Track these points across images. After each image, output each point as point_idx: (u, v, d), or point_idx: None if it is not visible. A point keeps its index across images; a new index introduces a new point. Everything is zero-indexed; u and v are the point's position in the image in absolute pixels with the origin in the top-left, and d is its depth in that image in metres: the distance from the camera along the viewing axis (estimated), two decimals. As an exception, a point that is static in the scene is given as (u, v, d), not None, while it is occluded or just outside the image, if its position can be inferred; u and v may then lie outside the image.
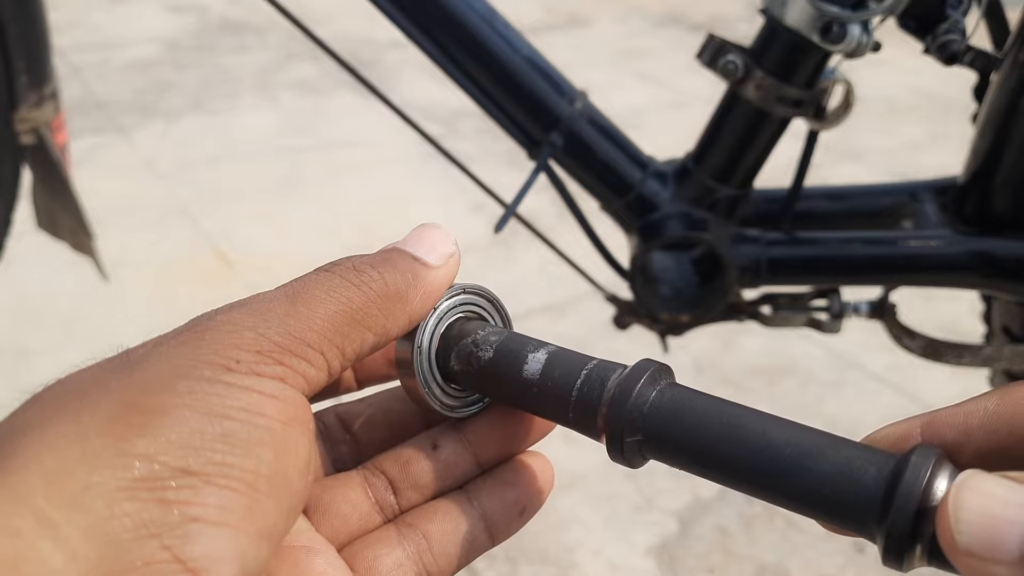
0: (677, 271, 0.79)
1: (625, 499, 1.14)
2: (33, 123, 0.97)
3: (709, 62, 0.73)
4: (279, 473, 0.24)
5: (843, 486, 0.24)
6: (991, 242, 0.75)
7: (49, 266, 1.52)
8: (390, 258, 0.29)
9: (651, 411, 0.27)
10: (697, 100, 2.39)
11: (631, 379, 0.28)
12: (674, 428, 0.27)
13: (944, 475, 0.23)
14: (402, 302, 0.29)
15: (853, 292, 0.83)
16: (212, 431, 0.23)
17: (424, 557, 0.30)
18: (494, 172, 1.25)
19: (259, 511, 0.23)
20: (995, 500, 0.20)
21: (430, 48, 0.74)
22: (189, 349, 0.25)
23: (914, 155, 2.17)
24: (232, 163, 2.05)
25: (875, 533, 0.23)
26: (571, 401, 0.29)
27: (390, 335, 0.29)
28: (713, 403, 0.27)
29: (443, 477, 0.32)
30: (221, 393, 0.24)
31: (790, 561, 1.05)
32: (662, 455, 0.28)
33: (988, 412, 0.24)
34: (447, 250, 0.30)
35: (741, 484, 0.26)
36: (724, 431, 0.26)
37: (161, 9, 3.14)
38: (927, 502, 0.22)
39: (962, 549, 0.20)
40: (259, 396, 0.24)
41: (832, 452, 0.24)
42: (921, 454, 0.23)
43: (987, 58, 0.70)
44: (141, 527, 0.22)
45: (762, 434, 0.26)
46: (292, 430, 0.25)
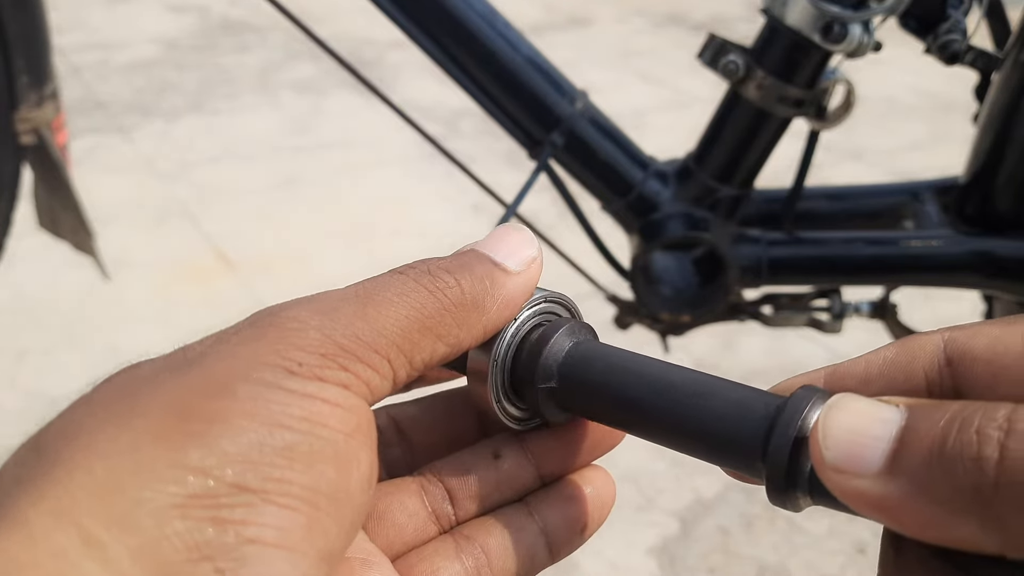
0: (678, 271, 0.79)
1: (626, 499, 1.13)
2: (33, 123, 0.97)
3: (710, 62, 0.73)
4: (341, 489, 0.22)
5: (732, 423, 0.24)
6: (992, 242, 0.75)
7: (50, 266, 1.52)
8: (467, 262, 0.27)
9: (565, 360, 0.28)
10: (698, 100, 2.39)
11: (548, 332, 0.29)
12: (584, 375, 0.28)
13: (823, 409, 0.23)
14: (478, 311, 0.27)
15: (854, 292, 0.83)
16: (272, 443, 0.21)
17: (483, 572, 0.29)
18: (494, 172, 1.25)
19: (319, 531, 0.22)
20: (861, 416, 0.21)
21: (431, 48, 0.74)
22: (250, 348, 0.23)
23: (915, 155, 2.17)
24: (232, 163, 2.05)
25: (760, 470, 0.24)
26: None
27: (462, 346, 0.27)
28: (625, 354, 0.28)
29: (503, 488, 0.30)
30: (282, 400, 0.22)
31: (791, 561, 1.05)
32: (573, 404, 0.28)
33: (887, 360, 0.25)
34: (529, 254, 0.28)
35: (644, 428, 0.27)
36: (630, 377, 0.27)
37: (161, 9, 3.14)
38: (805, 432, 0.22)
39: (829, 465, 0.20)
40: (321, 404, 0.23)
41: (726, 393, 0.25)
42: (802, 392, 0.23)
43: (988, 58, 0.70)
44: (194, 549, 0.20)
45: (664, 379, 0.26)
46: (355, 442, 0.23)
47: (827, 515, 1.11)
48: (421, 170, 2.00)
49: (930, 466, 0.19)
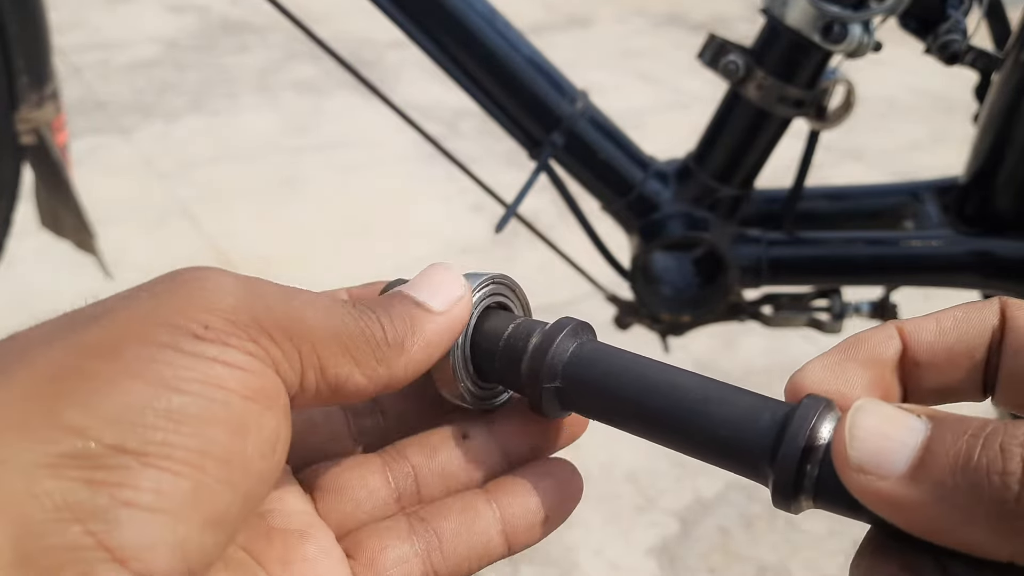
0: (678, 271, 0.79)
1: (626, 499, 1.13)
2: (34, 123, 0.97)
3: (710, 62, 0.73)
4: (235, 454, 0.22)
5: (740, 429, 0.25)
6: (992, 242, 0.75)
7: (51, 266, 1.52)
8: (388, 304, 0.27)
9: (570, 360, 0.28)
10: (698, 100, 2.39)
11: (552, 332, 0.29)
12: (590, 376, 0.28)
13: (830, 419, 0.24)
14: (398, 351, 0.26)
15: (854, 292, 0.83)
16: (157, 406, 0.21)
17: (433, 556, 0.29)
18: (495, 172, 1.25)
19: (206, 496, 0.21)
20: (888, 421, 0.22)
21: (431, 48, 0.74)
22: (156, 305, 0.23)
23: (915, 155, 2.17)
24: (233, 163, 2.05)
25: (767, 475, 0.25)
26: (496, 352, 0.30)
27: (382, 382, 0.26)
28: (629, 356, 0.28)
29: (470, 469, 0.30)
30: (173, 362, 0.22)
31: (791, 561, 1.05)
32: (577, 404, 0.29)
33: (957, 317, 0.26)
34: (454, 294, 0.28)
35: (649, 429, 0.27)
36: (635, 379, 0.27)
37: (162, 9, 3.14)
38: (813, 442, 0.24)
39: (853, 464, 0.21)
40: (220, 367, 0.22)
41: (733, 400, 0.26)
42: (810, 402, 0.24)
43: (988, 58, 0.70)
44: (64, 509, 0.19)
45: (670, 382, 0.27)
46: (255, 405, 0.23)
47: (827, 515, 1.11)
48: (421, 170, 2.00)
49: (954, 475, 0.20)
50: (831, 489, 0.23)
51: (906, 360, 0.26)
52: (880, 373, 0.26)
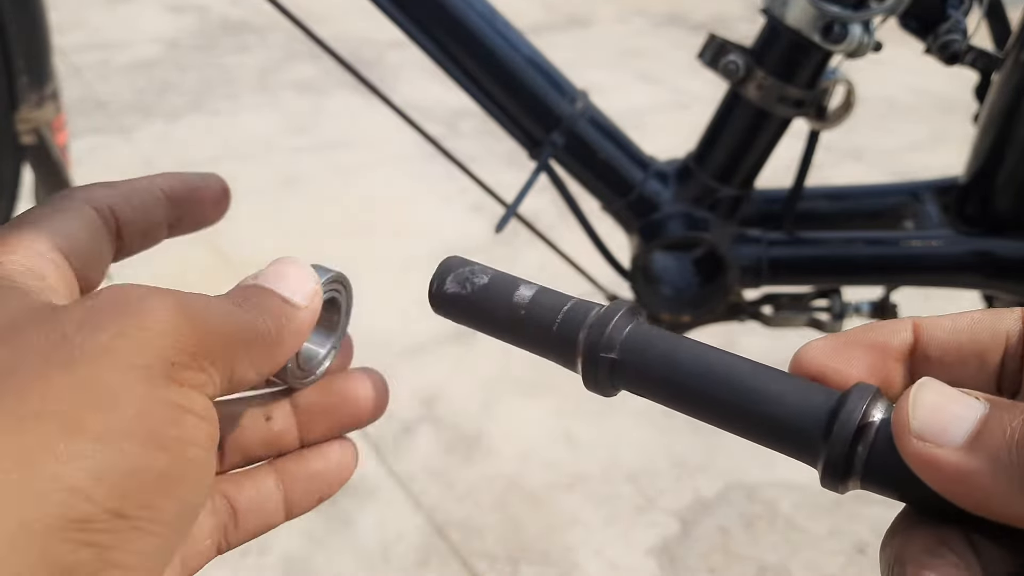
0: (678, 271, 0.79)
1: (626, 499, 1.13)
2: (34, 123, 0.97)
3: (710, 62, 0.73)
4: (196, 508, 0.23)
5: (793, 411, 0.26)
6: (993, 242, 0.75)
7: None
8: (264, 300, 0.28)
9: (628, 336, 0.30)
10: (698, 100, 2.39)
11: (611, 310, 0.30)
12: (646, 352, 0.29)
13: (880, 404, 0.25)
14: (279, 345, 0.28)
15: (854, 292, 0.83)
16: (151, 468, 0.22)
17: (228, 528, 0.31)
18: (495, 172, 1.25)
19: (169, 549, 0.23)
20: (949, 396, 0.23)
21: (431, 48, 0.74)
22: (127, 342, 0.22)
23: (915, 155, 2.17)
24: (232, 163, 2.05)
25: (818, 454, 0.26)
26: (555, 324, 0.31)
27: (263, 376, 0.28)
28: (681, 338, 0.30)
29: (269, 448, 0.33)
30: (160, 416, 0.22)
31: (791, 561, 1.05)
32: (632, 378, 0.30)
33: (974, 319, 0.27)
34: (311, 287, 0.29)
35: (701, 408, 0.28)
36: (690, 358, 0.28)
37: (162, 9, 3.14)
38: (864, 424, 0.25)
39: (914, 432, 0.23)
40: (192, 419, 0.23)
41: (787, 383, 0.27)
42: (861, 387, 0.26)
43: (988, 58, 0.70)
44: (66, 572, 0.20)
45: (725, 363, 0.28)
46: (211, 456, 0.24)
47: (827, 515, 1.11)
48: (421, 170, 2.00)
49: (1010, 451, 0.22)
50: (880, 470, 0.25)
51: (916, 353, 0.27)
52: (882, 360, 0.27)
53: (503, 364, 1.37)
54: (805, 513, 1.11)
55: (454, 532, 1.07)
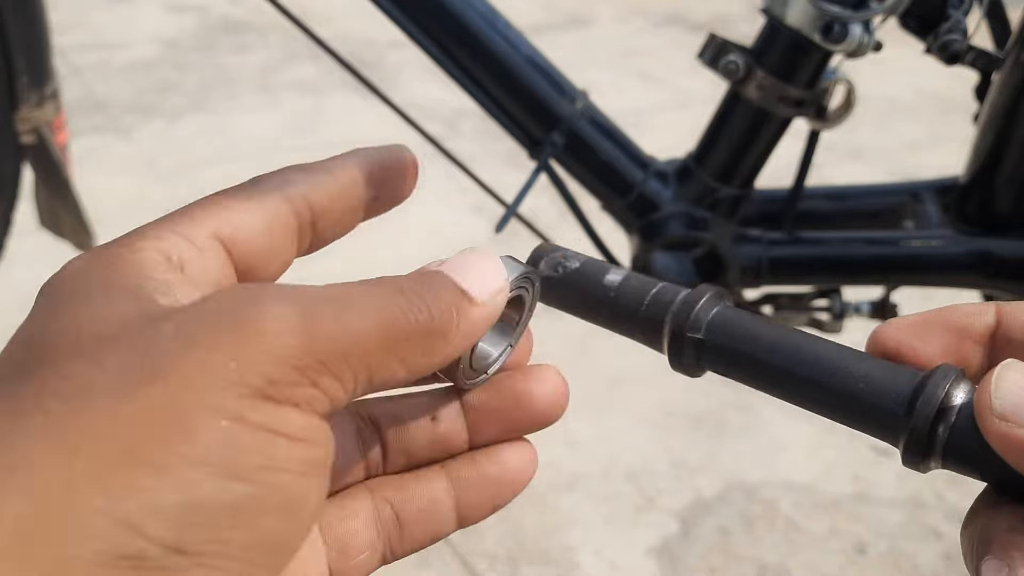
0: (678, 271, 0.79)
1: (626, 499, 1.13)
2: (34, 123, 0.97)
3: (710, 62, 0.73)
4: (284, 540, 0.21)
5: (877, 390, 0.27)
6: (993, 242, 0.75)
7: (51, 266, 1.52)
8: (436, 288, 0.25)
9: (714, 316, 0.30)
10: (698, 100, 2.39)
11: (698, 292, 0.31)
12: (732, 332, 0.30)
13: (963, 385, 0.26)
14: (442, 341, 0.24)
15: (855, 292, 0.83)
16: (220, 500, 0.19)
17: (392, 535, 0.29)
18: (495, 172, 1.25)
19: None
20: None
21: (431, 48, 0.74)
22: (211, 357, 0.20)
23: (915, 155, 2.17)
24: (233, 163, 2.05)
25: (899, 433, 0.26)
26: (643, 305, 0.32)
27: (419, 374, 0.25)
28: (766, 321, 0.31)
29: (435, 450, 0.30)
30: (239, 443, 0.20)
31: (791, 561, 1.05)
32: (719, 359, 0.30)
33: None
34: (496, 285, 0.26)
35: (787, 387, 0.29)
36: (776, 338, 0.29)
37: (162, 9, 3.14)
38: (946, 404, 0.26)
39: (997, 411, 0.23)
40: (282, 442, 0.20)
41: (870, 361, 0.28)
42: (944, 368, 0.26)
43: (988, 58, 0.70)
44: None
45: (810, 343, 0.29)
46: (308, 480, 0.21)
47: (827, 515, 1.11)
48: (421, 170, 2.00)
49: None
50: (960, 450, 0.25)
51: (998, 337, 0.27)
52: (960, 341, 0.28)
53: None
54: (805, 513, 1.11)
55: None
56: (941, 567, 1.04)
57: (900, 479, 1.16)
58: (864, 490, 1.15)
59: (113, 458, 0.19)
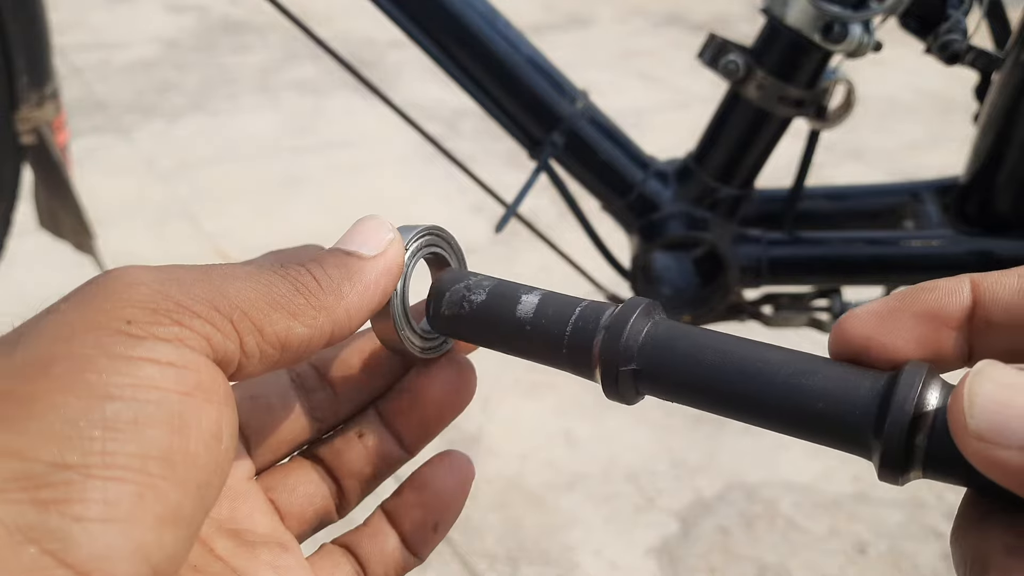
0: (678, 271, 0.79)
1: (626, 499, 1.13)
2: (34, 123, 0.97)
3: (710, 62, 0.73)
4: (177, 451, 0.22)
5: (839, 403, 0.24)
6: (992, 242, 0.75)
7: (50, 266, 1.52)
8: (319, 256, 0.28)
9: (645, 340, 0.27)
10: (698, 100, 2.39)
11: (624, 313, 0.28)
12: (668, 357, 0.27)
13: (935, 386, 0.23)
14: (335, 296, 0.27)
15: (854, 292, 0.83)
16: (92, 417, 0.21)
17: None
18: (495, 172, 1.25)
19: (154, 497, 0.21)
20: (1008, 388, 0.21)
21: (431, 48, 0.74)
22: (77, 313, 0.23)
23: (915, 155, 2.17)
24: (233, 163, 2.05)
25: (871, 446, 0.24)
26: (565, 337, 0.29)
27: (324, 329, 0.27)
28: (705, 333, 0.27)
29: (372, 462, 0.32)
30: (104, 369, 0.22)
31: (791, 561, 1.05)
32: (656, 386, 0.27)
33: None
34: (383, 237, 0.29)
35: (737, 409, 0.26)
36: (718, 357, 0.26)
37: (162, 9, 3.14)
38: (920, 411, 0.23)
39: (972, 432, 0.21)
40: (150, 366, 0.22)
41: (827, 371, 0.25)
42: (912, 368, 0.23)
43: (988, 58, 0.70)
44: (16, 532, 0.20)
45: (756, 358, 0.26)
46: (193, 400, 0.23)
47: (827, 515, 1.11)
48: (421, 170, 2.00)
49: None
50: (942, 459, 0.22)
51: (976, 318, 0.24)
52: (936, 330, 0.24)
53: (503, 364, 1.37)
54: (805, 513, 1.11)
55: (454, 532, 1.07)
56: (941, 567, 1.04)
57: (900, 479, 1.16)
58: (864, 490, 1.15)
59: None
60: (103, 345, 0.22)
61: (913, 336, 0.24)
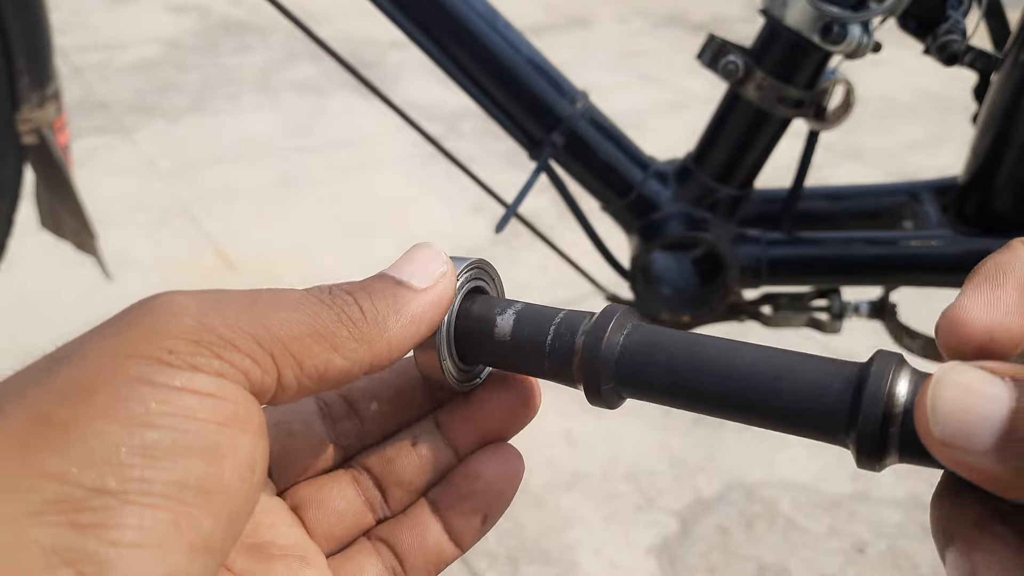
0: (678, 271, 0.79)
1: (626, 499, 1.14)
2: (35, 123, 0.98)
3: (710, 62, 0.73)
4: (213, 480, 0.22)
5: (814, 399, 0.25)
6: (991, 242, 0.76)
7: (52, 266, 1.52)
8: (368, 285, 0.28)
9: (621, 355, 0.28)
10: (697, 100, 2.40)
11: (598, 328, 0.29)
12: (645, 368, 0.28)
13: (905, 377, 0.24)
14: (379, 328, 0.27)
15: (854, 292, 0.84)
16: (132, 444, 0.21)
17: (397, 572, 0.31)
18: (495, 172, 1.26)
19: (188, 525, 0.22)
20: (969, 394, 0.21)
21: (431, 48, 0.74)
22: (120, 340, 0.23)
23: (914, 155, 2.17)
24: (234, 163, 2.05)
25: (847, 439, 0.25)
26: (545, 357, 0.30)
27: (364, 362, 0.27)
28: (680, 339, 0.28)
29: (424, 472, 0.32)
30: (145, 397, 0.22)
31: (790, 561, 1.05)
32: (638, 394, 0.29)
33: None
34: (437, 270, 0.29)
35: (716, 411, 0.28)
36: (694, 364, 0.27)
37: (163, 10, 3.14)
38: (892, 403, 0.24)
39: (938, 439, 0.21)
40: (189, 396, 0.23)
41: (800, 369, 0.26)
42: (882, 359, 0.25)
43: (987, 58, 0.70)
44: (53, 555, 0.20)
45: (730, 362, 0.27)
46: (229, 431, 0.23)
47: (827, 514, 1.11)
48: (422, 170, 2.01)
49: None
50: (916, 447, 0.24)
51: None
52: None
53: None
54: (804, 512, 1.11)
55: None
56: (941, 567, 1.05)
57: (899, 479, 1.16)
58: (863, 489, 1.15)
59: (21, 427, 0.21)
60: (144, 373, 0.23)
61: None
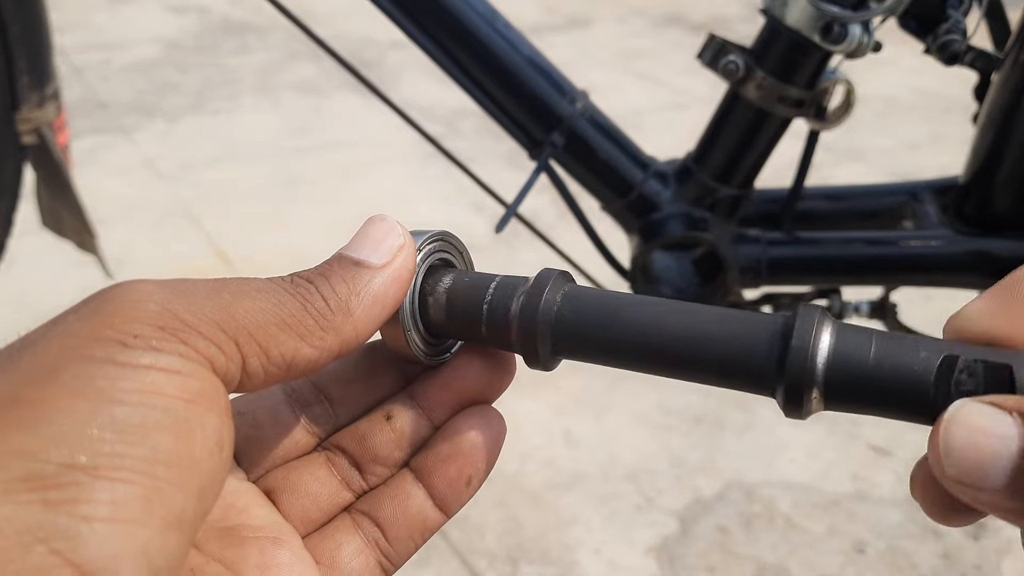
0: (678, 271, 0.79)
1: (625, 498, 1.14)
2: (35, 123, 0.97)
3: (710, 62, 0.73)
4: (182, 456, 0.22)
5: (741, 353, 0.27)
6: (991, 242, 0.75)
7: (52, 265, 1.52)
8: (326, 269, 0.28)
9: (557, 320, 0.29)
10: (697, 100, 2.39)
11: (534, 293, 0.29)
12: (580, 331, 0.29)
13: (827, 327, 0.25)
14: (343, 314, 0.27)
15: (854, 292, 0.83)
16: (100, 420, 0.21)
17: (380, 543, 0.30)
18: (495, 172, 1.26)
19: (160, 500, 0.22)
20: (979, 433, 0.22)
21: (431, 48, 0.74)
22: (84, 325, 0.23)
23: (915, 155, 2.17)
24: (234, 163, 2.05)
25: (775, 389, 0.26)
26: (482, 322, 0.30)
27: (332, 349, 0.27)
28: (611, 300, 0.29)
29: (402, 446, 0.31)
30: (113, 375, 0.22)
31: (790, 560, 1.05)
32: (574, 356, 0.30)
33: None
34: (393, 243, 0.28)
35: (650, 369, 0.29)
36: (625, 326, 0.28)
37: (163, 10, 3.14)
38: (816, 350, 0.25)
39: (952, 478, 0.22)
40: (156, 374, 0.23)
41: (726, 324, 0.27)
42: (804, 311, 0.26)
43: (988, 58, 0.70)
44: (25, 532, 0.20)
45: (660, 322, 0.28)
46: (197, 407, 0.23)
47: (826, 514, 1.11)
48: (421, 170, 2.01)
49: None
50: (839, 394, 0.25)
51: None
52: None
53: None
54: (804, 512, 1.11)
55: (454, 531, 1.07)
56: (940, 566, 1.05)
57: (899, 478, 1.16)
58: (863, 489, 1.15)
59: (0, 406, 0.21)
60: (109, 354, 0.23)
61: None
